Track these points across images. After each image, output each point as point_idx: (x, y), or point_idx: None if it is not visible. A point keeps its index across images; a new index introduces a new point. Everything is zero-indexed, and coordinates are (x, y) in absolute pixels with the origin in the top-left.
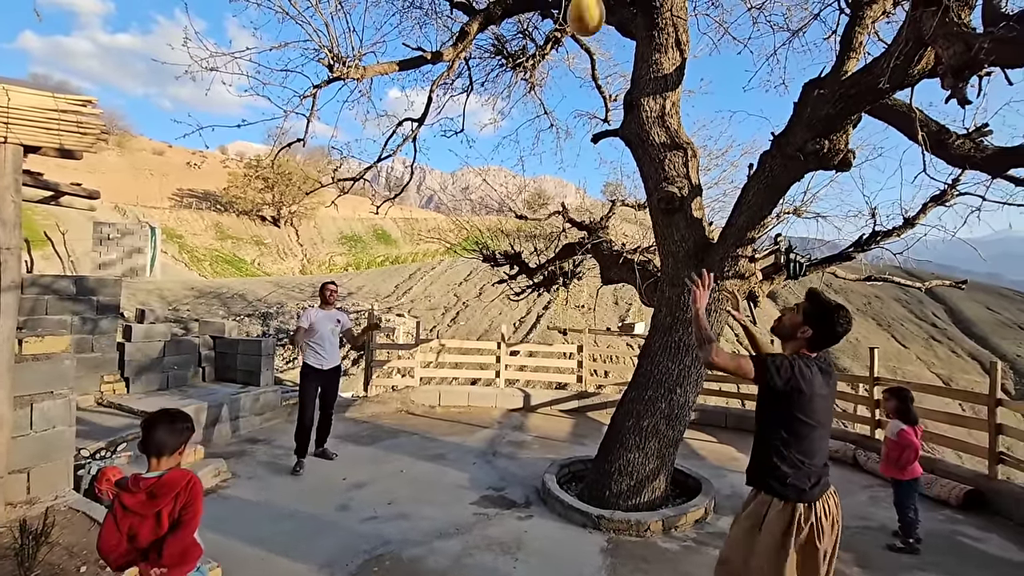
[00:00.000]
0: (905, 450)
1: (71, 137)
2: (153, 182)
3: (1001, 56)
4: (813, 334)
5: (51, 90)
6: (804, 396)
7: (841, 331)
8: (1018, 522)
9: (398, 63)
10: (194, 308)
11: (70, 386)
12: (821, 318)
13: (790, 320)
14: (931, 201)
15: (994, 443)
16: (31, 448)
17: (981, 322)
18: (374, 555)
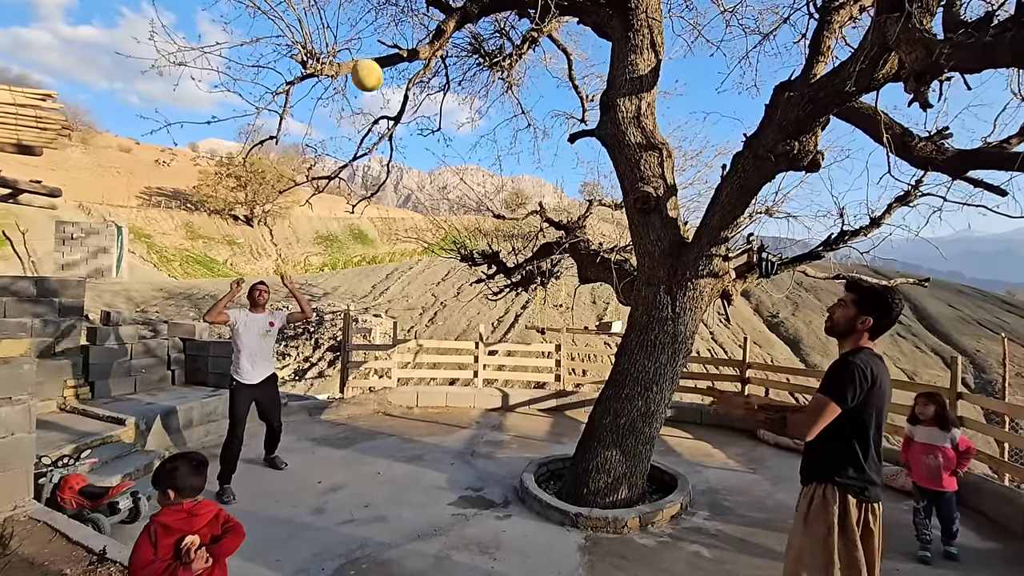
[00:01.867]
0: (963, 457)
1: (30, 132)
2: (120, 180)
3: (960, 61)
4: (874, 322)
5: (9, 83)
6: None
7: (897, 312)
8: (978, 510)
9: (373, 60)
10: (163, 310)
11: (30, 392)
12: (876, 304)
13: (843, 315)
14: (896, 202)
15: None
16: None
17: (943, 318)
18: (350, 558)
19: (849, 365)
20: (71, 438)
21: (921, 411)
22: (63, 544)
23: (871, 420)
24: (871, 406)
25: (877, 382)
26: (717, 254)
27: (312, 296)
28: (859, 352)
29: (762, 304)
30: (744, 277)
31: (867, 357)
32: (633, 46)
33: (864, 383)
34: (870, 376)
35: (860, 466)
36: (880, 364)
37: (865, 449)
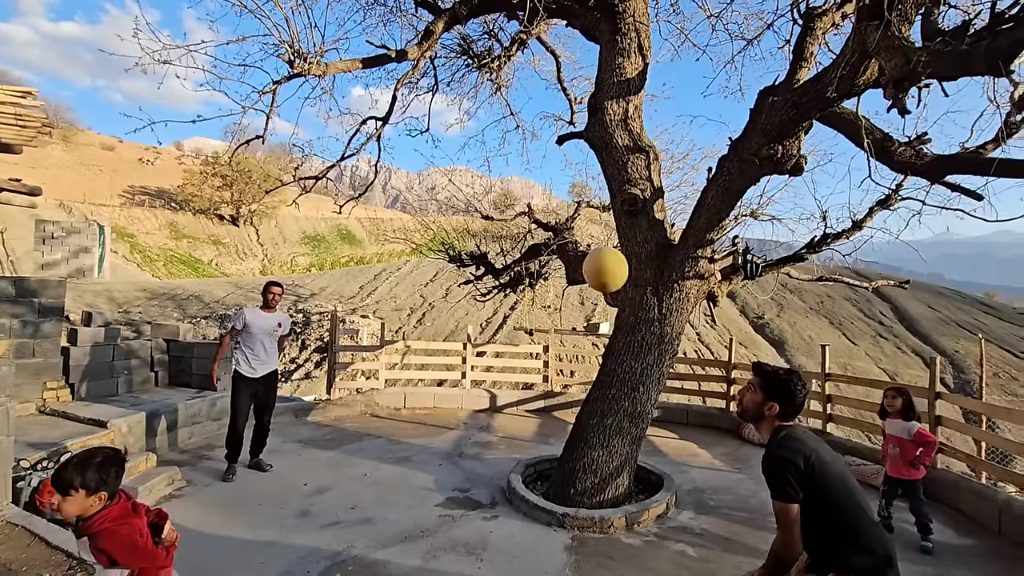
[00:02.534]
0: (923, 448)
1: (9, 130)
2: (102, 179)
3: (937, 69)
4: (780, 408)
5: None
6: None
7: (801, 397)
8: (956, 508)
9: (361, 60)
10: (146, 310)
11: (8, 394)
12: (779, 390)
13: (751, 400)
14: (877, 205)
15: (934, 434)
16: None
17: (923, 320)
18: (336, 561)
19: (774, 461)
20: (51, 441)
21: (890, 404)
22: (42, 549)
23: (840, 495)
24: (828, 484)
25: (812, 461)
26: (703, 256)
27: (299, 297)
28: (777, 437)
29: (748, 305)
30: (729, 279)
31: (787, 441)
32: (621, 49)
33: (799, 470)
34: (802, 461)
35: (866, 548)
36: (805, 438)
37: (858, 526)
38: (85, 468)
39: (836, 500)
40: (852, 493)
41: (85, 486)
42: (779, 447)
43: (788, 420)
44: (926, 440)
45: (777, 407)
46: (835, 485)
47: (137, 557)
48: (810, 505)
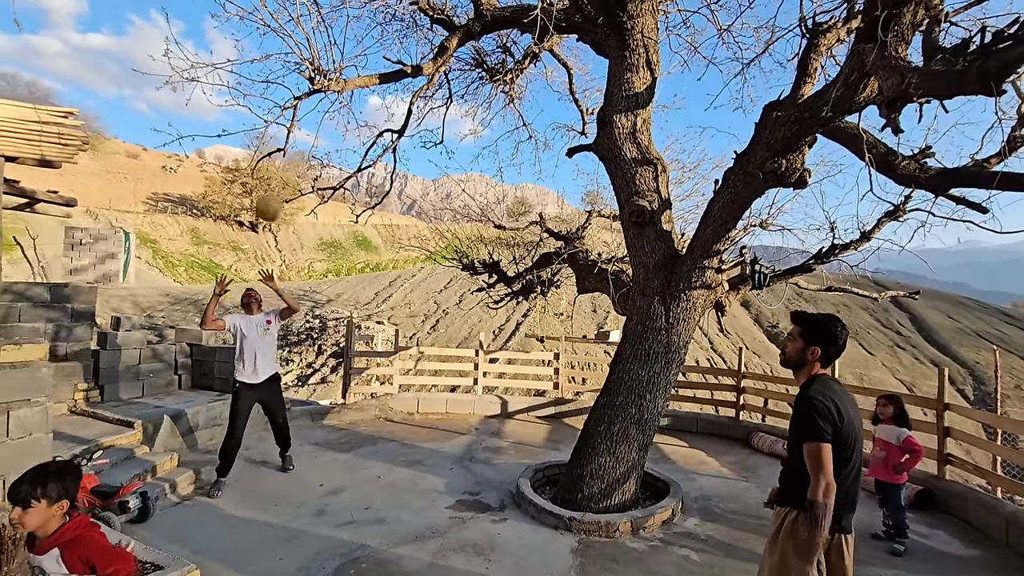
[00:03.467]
0: (908, 455)
1: (53, 148)
2: (127, 186)
3: (932, 88)
4: (822, 351)
5: (26, 99)
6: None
7: (843, 338)
8: (964, 519)
9: (379, 76)
10: (169, 315)
11: (47, 394)
12: (822, 334)
13: (793, 348)
14: (885, 216)
15: (942, 445)
16: (7, 455)
17: (943, 330)
18: (350, 558)
19: (808, 403)
20: (82, 440)
21: (882, 411)
22: None
23: (845, 453)
24: (844, 439)
25: (841, 411)
26: (710, 266)
27: (316, 303)
28: (813, 383)
29: (762, 314)
30: (737, 289)
31: (821, 387)
32: (629, 64)
33: (828, 414)
34: (832, 407)
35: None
36: (837, 389)
37: (846, 481)
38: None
39: (841, 456)
40: (856, 456)
41: (47, 496)
42: (816, 391)
43: (828, 364)
44: (913, 447)
45: (819, 350)
46: (850, 442)
47: (114, 559)
48: None
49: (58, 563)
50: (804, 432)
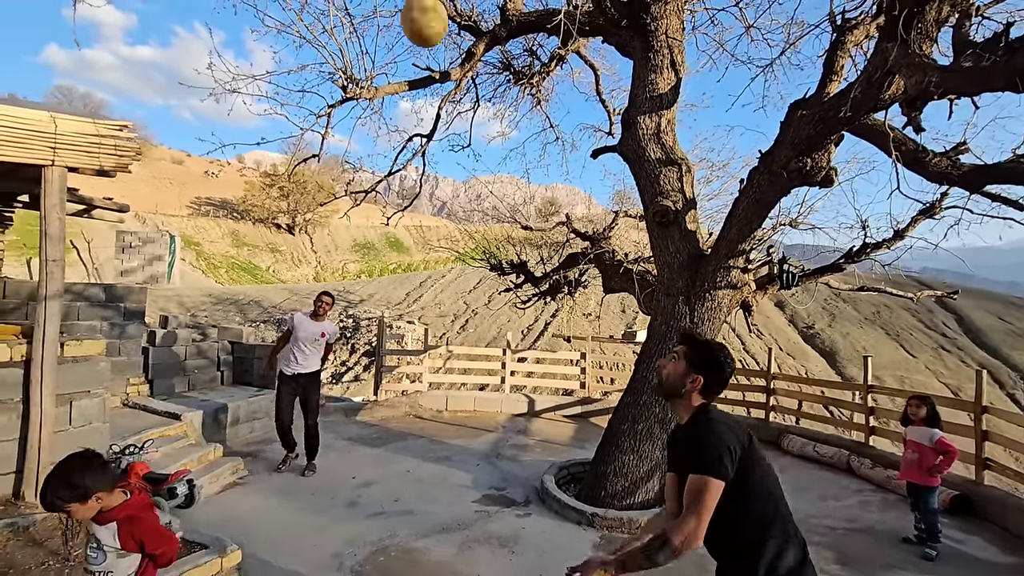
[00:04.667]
0: (942, 456)
1: (110, 159)
2: (172, 190)
3: (957, 86)
4: (704, 381)
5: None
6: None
7: (729, 371)
8: (1002, 525)
9: (408, 83)
10: (211, 314)
11: (105, 386)
12: (708, 361)
13: (672, 370)
14: (920, 214)
15: (980, 449)
16: (69, 442)
17: (991, 332)
18: (380, 546)
19: (712, 434)
20: (134, 430)
21: (913, 412)
22: None
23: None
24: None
25: (746, 444)
26: (735, 266)
27: (349, 303)
28: (712, 413)
29: (797, 315)
30: (765, 288)
31: (725, 418)
32: (653, 66)
33: (733, 449)
34: (739, 441)
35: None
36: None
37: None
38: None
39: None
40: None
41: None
42: (717, 422)
43: (708, 398)
44: (947, 449)
45: (701, 380)
46: (766, 471)
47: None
48: (736, 491)
49: (114, 537)
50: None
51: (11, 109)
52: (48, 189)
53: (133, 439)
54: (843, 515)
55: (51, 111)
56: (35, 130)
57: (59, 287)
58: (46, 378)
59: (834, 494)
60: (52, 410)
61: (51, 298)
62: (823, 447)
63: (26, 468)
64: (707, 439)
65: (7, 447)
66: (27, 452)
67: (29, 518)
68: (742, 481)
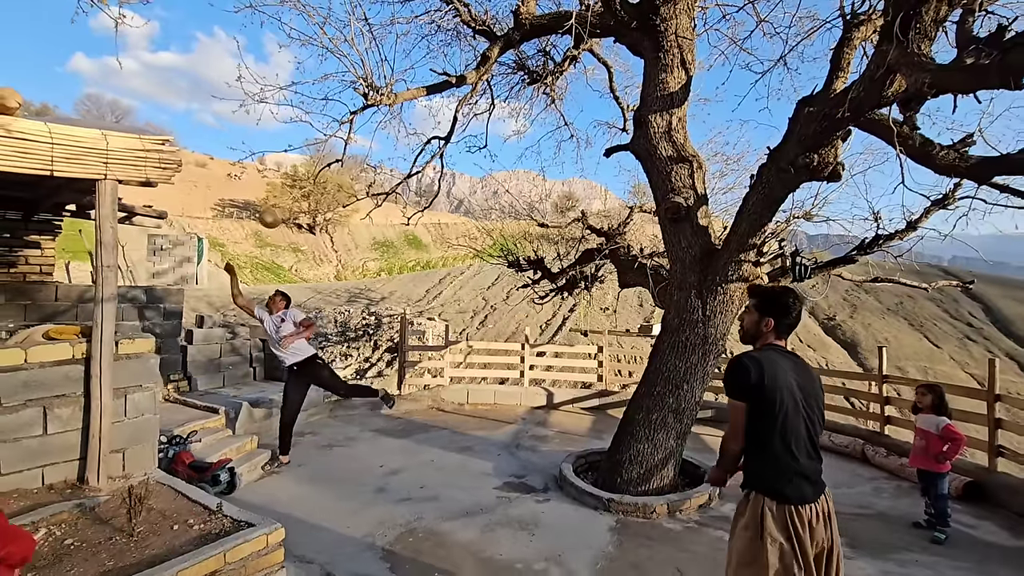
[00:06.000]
0: (949, 443)
1: (154, 171)
2: (197, 193)
3: (951, 84)
4: (775, 323)
5: (115, 120)
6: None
7: (795, 310)
8: (1014, 511)
9: (426, 88)
10: (239, 313)
11: (155, 381)
12: (775, 305)
13: (748, 320)
14: (933, 205)
15: (993, 437)
16: (125, 432)
17: (1021, 321)
18: (408, 528)
19: (733, 362)
20: (176, 423)
21: (920, 400)
22: (185, 502)
23: (772, 413)
24: (772, 401)
25: (768, 375)
26: (746, 260)
27: (371, 300)
28: (755, 350)
29: (818, 306)
30: (777, 281)
31: (760, 353)
32: (664, 65)
33: (745, 375)
34: (757, 370)
35: (772, 464)
36: (777, 357)
37: (774, 445)
38: None
39: (770, 422)
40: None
41: None
42: (746, 356)
43: (783, 336)
44: (953, 436)
45: (772, 322)
46: (776, 408)
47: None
48: (753, 415)
49: None
50: (725, 387)
51: (70, 129)
52: (102, 201)
53: (177, 431)
54: (855, 501)
55: (101, 128)
56: (90, 147)
57: (113, 290)
58: (104, 374)
59: (847, 481)
60: (110, 403)
61: (107, 300)
62: (839, 436)
63: (89, 455)
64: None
65: (71, 436)
66: (89, 441)
67: (95, 499)
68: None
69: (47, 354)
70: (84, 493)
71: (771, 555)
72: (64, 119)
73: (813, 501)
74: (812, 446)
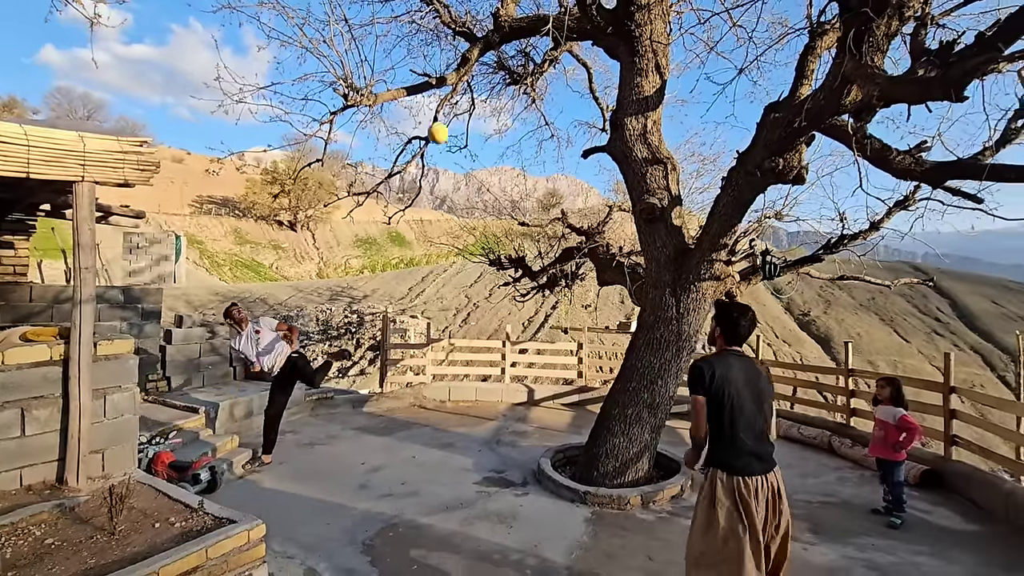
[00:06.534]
0: (905, 433)
1: (132, 173)
2: (174, 189)
3: (900, 95)
4: (722, 331)
5: (86, 115)
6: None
7: (736, 319)
8: (966, 497)
9: (406, 89)
10: (219, 312)
11: (134, 381)
12: (721, 317)
13: (710, 328)
14: (895, 206)
15: (948, 427)
16: (105, 432)
17: (985, 315)
18: (389, 523)
19: (692, 366)
20: (156, 424)
21: (879, 392)
22: (166, 501)
23: (726, 407)
24: (721, 395)
25: (718, 375)
26: (718, 259)
27: (353, 299)
28: (713, 354)
29: (793, 302)
30: (748, 279)
31: (715, 357)
32: (639, 70)
33: (699, 376)
34: (709, 371)
35: (726, 445)
36: (731, 360)
37: (728, 430)
38: None
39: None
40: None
41: None
42: (702, 360)
43: (732, 342)
44: (909, 426)
45: (720, 330)
46: (726, 399)
47: None
48: (710, 407)
49: None
50: (688, 384)
51: (46, 131)
52: (79, 203)
53: (157, 431)
54: (820, 490)
55: (77, 130)
56: (67, 149)
57: (92, 292)
58: (83, 375)
59: (813, 471)
60: (89, 404)
61: (85, 302)
62: (807, 428)
63: (68, 456)
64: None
65: (50, 437)
66: (68, 441)
67: (75, 499)
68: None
69: (24, 356)
70: (64, 494)
71: (721, 517)
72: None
73: (760, 474)
74: (761, 432)
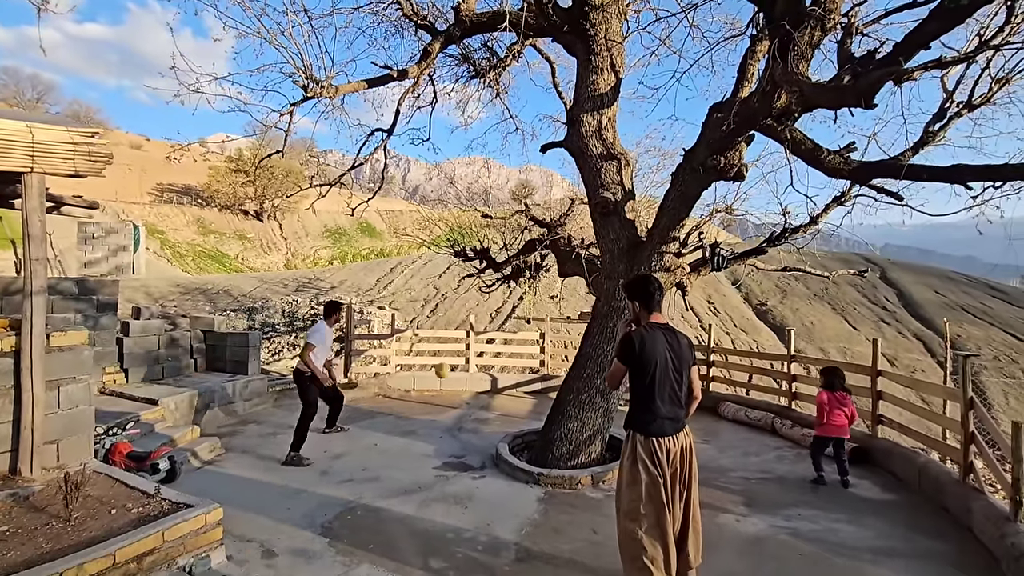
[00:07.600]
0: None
1: (83, 164)
2: (132, 177)
3: (822, 101)
4: (642, 304)
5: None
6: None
7: (642, 286)
8: (890, 471)
9: (367, 81)
10: (180, 304)
11: (89, 372)
12: (634, 290)
13: (629, 310)
14: (832, 202)
15: (875, 407)
16: (59, 423)
17: (928, 304)
18: (348, 507)
19: (623, 337)
20: (113, 415)
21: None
22: (123, 488)
23: (646, 374)
24: (645, 365)
25: (643, 346)
26: (668, 251)
27: (320, 290)
28: (640, 327)
29: (752, 292)
30: (698, 270)
31: (642, 330)
32: (594, 67)
33: (630, 347)
34: (636, 343)
35: (644, 410)
36: (657, 333)
37: (646, 397)
38: None
39: (643, 378)
40: (659, 378)
41: None
42: (633, 333)
43: (653, 311)
44: (817, 402)
45: (639, 304)
46: (648, 368)
47: None
48: (632, 375)
49: None
50: (615, 351)
51: None
52: (28, 194)
53: (114, 422)
54: (758, 468)
55: (26, 120)
56: (15, 140)
57: (43, 283)
58: (36, 366)
59: (755, 451)
60: (43, 395)
61: (37, 293)
62: (753, 412)
63: (21, 447)
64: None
65: (2, 428)
66: (21, 433)
67: (28, 489)
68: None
69: None
70: (17, 484)
71: (641, 473)
72: None
73: (671, 435)
74: (676, 397)
